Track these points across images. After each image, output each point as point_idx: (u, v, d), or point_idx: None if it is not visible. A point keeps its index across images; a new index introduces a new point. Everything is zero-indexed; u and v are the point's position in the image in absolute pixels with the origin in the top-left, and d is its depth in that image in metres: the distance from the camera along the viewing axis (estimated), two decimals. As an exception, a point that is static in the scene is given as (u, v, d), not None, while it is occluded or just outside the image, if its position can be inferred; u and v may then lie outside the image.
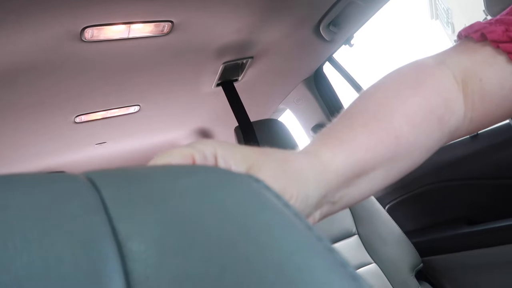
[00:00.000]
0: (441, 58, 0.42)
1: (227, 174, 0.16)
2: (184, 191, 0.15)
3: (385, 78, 0.41)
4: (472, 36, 0.42)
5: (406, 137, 0.35)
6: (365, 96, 0.39)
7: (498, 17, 0.42)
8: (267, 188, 0.16)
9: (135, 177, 0.16)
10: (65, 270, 0.12)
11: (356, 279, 0.14)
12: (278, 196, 0.16)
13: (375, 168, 0.33)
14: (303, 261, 0.13)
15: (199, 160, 0.24)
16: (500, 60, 0.39)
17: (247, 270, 0.13)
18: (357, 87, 1.49)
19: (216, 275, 0.12)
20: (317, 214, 0.30)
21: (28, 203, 0.14)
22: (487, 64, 0.40)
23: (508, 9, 0.43)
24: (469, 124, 0.41)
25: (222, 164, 0.24)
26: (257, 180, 0.16)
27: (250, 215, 0.14)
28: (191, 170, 0.16)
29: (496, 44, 0.39)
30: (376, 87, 0.40)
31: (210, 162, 0.24)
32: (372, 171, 0.33)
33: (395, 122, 0.35)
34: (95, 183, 0.16)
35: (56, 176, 0.17)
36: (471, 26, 0.43)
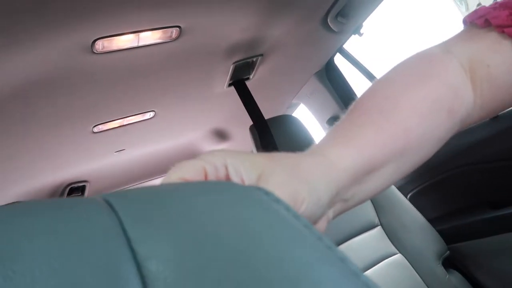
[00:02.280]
0: (447, 47, 0.42)
1: (238, 190, 0.17)
2: (198, 211, 0.15)
3: (391, 71, 0.41)
4: (477, 22, 0.41)
5: (415, 130, 0.35)
6: (372, 92, 0.39)
7: (502, 0, 0.42)
8: (277, 200, 0.16)
9: (151, 198, 0.17)
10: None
11: (369, 287, 0.14)
12: (288, 208, 0.16)
13: (386, 164, 0.33)
14: (316, 273, 0.13)
15: (210, 172, 0.24)
16: (505, 45, 0.39)
17: (261, 286, 0.13)
18: (369, 75, 1.47)
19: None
20: (330, 213, 0.31)
21: (51, 230, 0.15)
22: (493, 50, 0.39)
23: None
24: (480, 111, 0.41)
25: (232, 173, 0.25)
26: (267, 193, 0.17)
27: (263, 231, 0.14)
28: (203, 189, 0.17)
29: (501, 29, 0.39)
30: (383, 82, 0.40)
31: (221, 172, 0.25)
32: (382, 167, 0.33)
33: (404, 116, 0.35)
34: (113, 206, 0.17)
35: (76, 201, 0.18)
36: (475, 11, 0.43)
